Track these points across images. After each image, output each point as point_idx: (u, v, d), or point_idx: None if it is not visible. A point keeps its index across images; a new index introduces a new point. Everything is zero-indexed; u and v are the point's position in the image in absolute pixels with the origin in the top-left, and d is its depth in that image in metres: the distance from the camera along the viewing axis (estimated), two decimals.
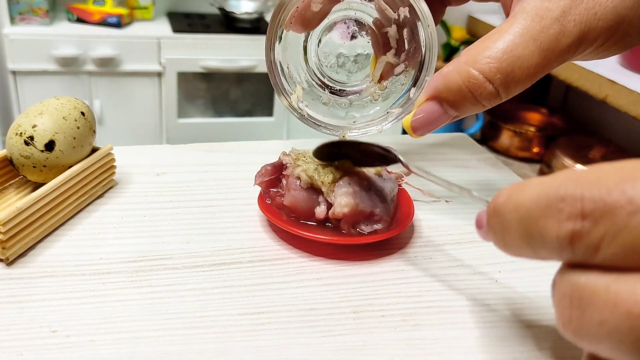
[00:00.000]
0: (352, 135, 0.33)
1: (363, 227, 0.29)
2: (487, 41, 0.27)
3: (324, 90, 0.34)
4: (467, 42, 1.83)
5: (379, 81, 0.33)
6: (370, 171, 0.31)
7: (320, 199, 0.30)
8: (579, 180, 0.16)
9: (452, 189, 0.27)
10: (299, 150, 0.32)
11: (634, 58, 1.31)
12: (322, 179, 0.29)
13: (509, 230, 0.18)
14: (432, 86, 0.28)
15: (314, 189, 0.30)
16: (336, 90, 0.34)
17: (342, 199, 0.28)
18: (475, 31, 1.86)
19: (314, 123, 0.33)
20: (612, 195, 0.15)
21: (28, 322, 0.24)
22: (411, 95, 0.32)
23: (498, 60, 0.26)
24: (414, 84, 0.32)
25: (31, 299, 0.25)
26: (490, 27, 1.73)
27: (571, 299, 0.16)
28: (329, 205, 0.29)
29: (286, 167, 0.31)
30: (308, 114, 0.33)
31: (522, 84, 0.27)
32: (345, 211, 0.28)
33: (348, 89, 0.34)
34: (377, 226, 0.29)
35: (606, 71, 1.29)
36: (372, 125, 0.34)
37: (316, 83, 0.34)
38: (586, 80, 1.26)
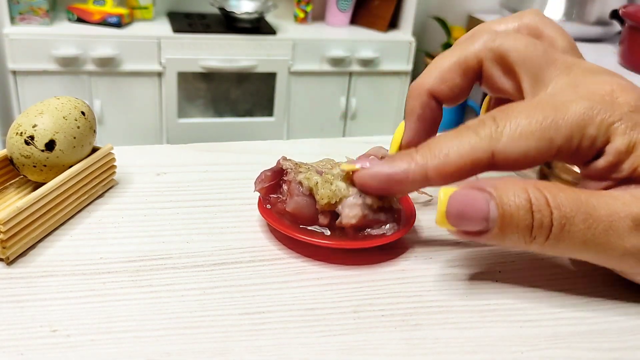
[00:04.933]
0: None
1: (369, 230, 0.29)
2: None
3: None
4: None
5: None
6: None
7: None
8: None
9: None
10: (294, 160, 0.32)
11: (634, 58, 1.31)
12: (318, 197, 0.29)
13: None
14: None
15: None
16: None
17: (351, 210, 0.28)
18: None
19: None
20: None
21: (28, 322, 0.24)
22: None
23: None
24: None
25: (31, 299, 0.25)
26: None
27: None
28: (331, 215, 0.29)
29: (287, 172, 0.31)
30: None
31: None
32: (353, 222, 0.29)
33: None
34: (386, 227, 0.29)
35: None
36: None
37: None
38: None
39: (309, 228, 0.30)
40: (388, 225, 0.30)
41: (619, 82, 0.26)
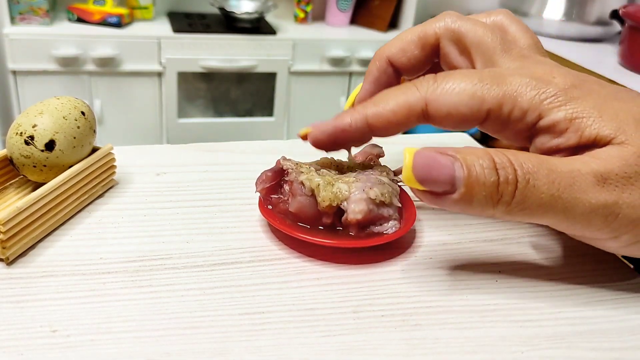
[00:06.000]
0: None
1: (372, 227, 0.29)
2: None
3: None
4: None
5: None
6: (374, 172, 0.31)
7: None
8: None
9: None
10: (294, 160, 0.32)
11: (634, 58, 1.31)
12: (320, 200, 0.29)
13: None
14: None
15: None
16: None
17: (356, 205, 0.29)
18: None
19: None
20: None
21: (28, 322, 0.24)
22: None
23: None
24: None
25: (31, 299, 0.25)
26: None
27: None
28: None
29: (287, 172, 0.31)
30: None
31: None
32: (359, 217, 0.29)
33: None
34: (388, 225, 0.29)
35: (606, 71, 1.29)
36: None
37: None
38: None
39: (310, 228, 0.30)
40: (390, 222, 0.30)
41: (562, 70, 0.27)
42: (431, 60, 0.32)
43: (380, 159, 0.35)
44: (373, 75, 0.33)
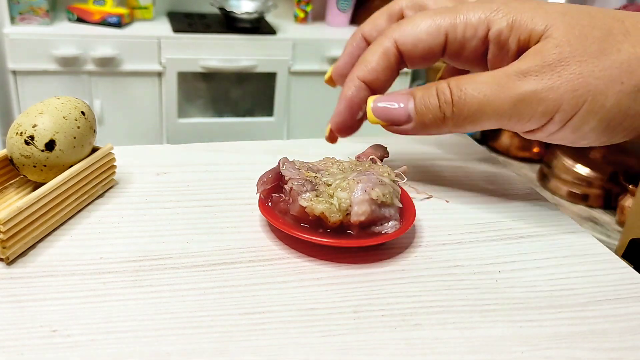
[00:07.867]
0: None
1: (373, 227, 0.29)
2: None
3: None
4: None
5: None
6: (376, 171, 0.31)
7: None
8: None
9: None
10: (294, 162, 0.31)
11: None
12: (330, 223, 0.29)
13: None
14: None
15: None
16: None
17: (359, 207, 0.29)
18: None
19: None
20: None
21: (28, 322, 0.24)
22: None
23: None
24: None
25: (31, 299, 0.25)
26: None
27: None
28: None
29: (286, 179, 0.31)
30: None
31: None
32: (362, 219, 0.29)
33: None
34: (389, 224, 0.29)
35: None
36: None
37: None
38: None
39: (310, 228, 0.30)
40: (390, 222, 0.30)
41: None
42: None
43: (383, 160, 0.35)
44: (349, 50, 0.38)
